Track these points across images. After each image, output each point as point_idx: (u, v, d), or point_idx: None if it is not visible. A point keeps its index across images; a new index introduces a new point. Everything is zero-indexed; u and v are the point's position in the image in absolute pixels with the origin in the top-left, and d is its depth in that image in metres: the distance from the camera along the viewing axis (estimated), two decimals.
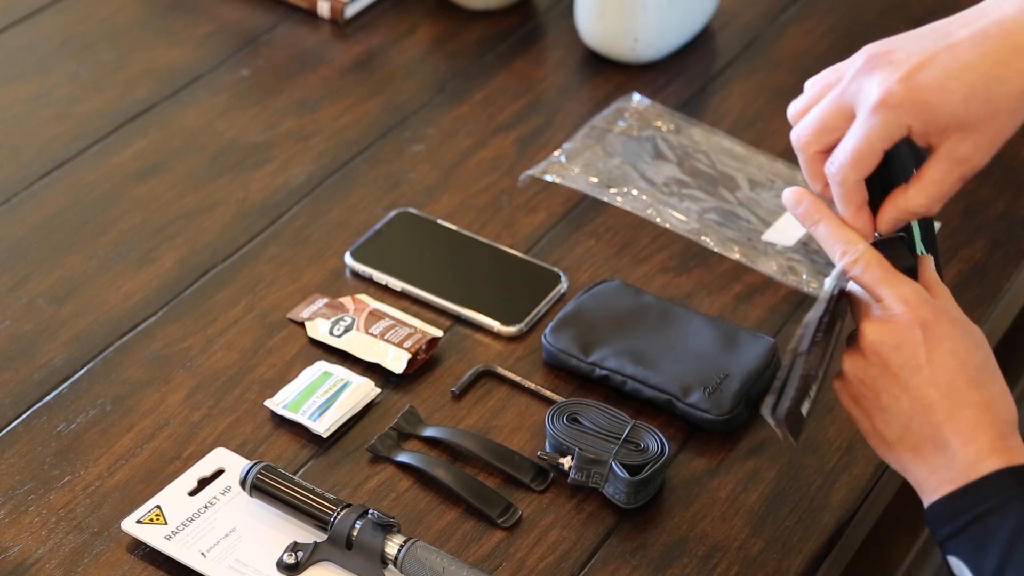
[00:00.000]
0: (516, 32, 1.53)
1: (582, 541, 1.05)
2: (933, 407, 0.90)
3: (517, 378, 1.16)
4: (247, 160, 1.37)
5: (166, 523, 1.04)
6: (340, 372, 1.15)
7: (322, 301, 1.21)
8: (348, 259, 1.25)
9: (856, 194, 0.95)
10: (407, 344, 1.16)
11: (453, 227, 1.28)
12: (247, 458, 1.09)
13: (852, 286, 0.96)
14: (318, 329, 1.19)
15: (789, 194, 0.98)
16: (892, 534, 1.41)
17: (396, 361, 1.15)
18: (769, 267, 1.25)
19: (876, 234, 0.97)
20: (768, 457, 1.11)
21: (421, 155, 1.38)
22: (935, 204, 0.94)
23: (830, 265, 1.22)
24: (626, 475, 1.05)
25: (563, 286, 1.23)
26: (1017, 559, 0.85)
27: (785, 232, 1.28)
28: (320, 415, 1.11)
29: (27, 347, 1.18)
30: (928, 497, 0.91)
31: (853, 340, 0.96)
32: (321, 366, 1.16)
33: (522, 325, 1.20)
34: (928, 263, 0.97)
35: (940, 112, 0.91)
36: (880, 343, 0.92)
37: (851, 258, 0.95)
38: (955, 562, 0.88)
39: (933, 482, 0.90)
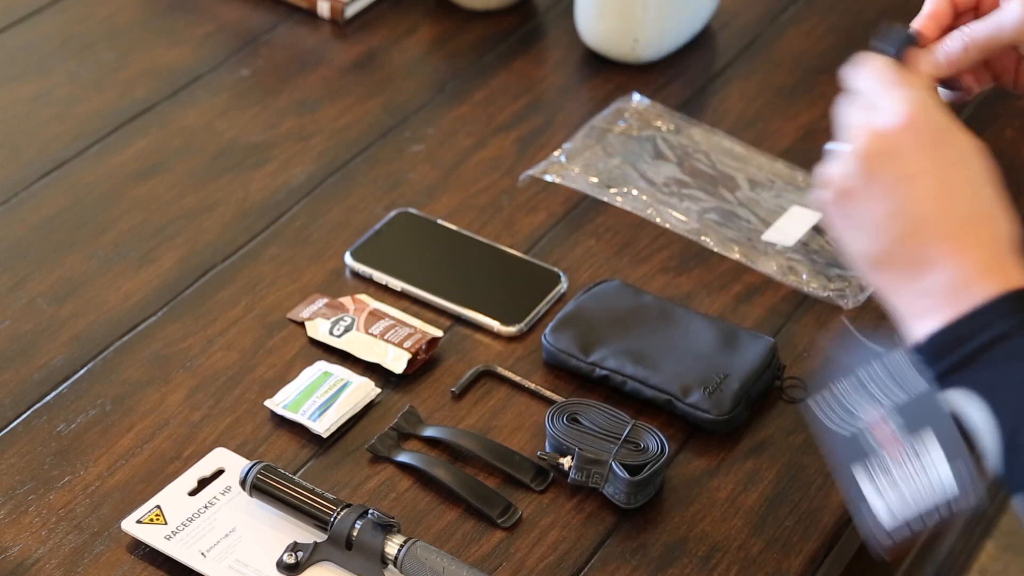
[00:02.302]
0: (516, 32, 1.53)
1: (582, 541, 1.05)
2: (924, 221, 0.82)
3: (517, 378, 1.16)
4: (247, 160, 1.37)
5: (166, 523, 1.04)
6: (340, 372, 1.15)
7: (322, 301, 1.21)
8: (348, 259, 1.25)
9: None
10: (407, 344, 1.16)
11: (453, 227, 1.28)
12: (247, 458, 1.09)
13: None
14: (318, 329, 1.19)
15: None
16: None
17: (396, 361, 1.15)
18: (769, 267, 1.25)
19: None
20: (768, 457, 1.11)
21: (421, 155, 1.38)
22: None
23: (830, 265, 1.23)
24: (626, 475, 1.05)
25: (563, 286, 1.23)
26: None
27: (785, 232, 1.28)
28: (320, 415, 1.11)
29: (27, 347, 1.18)
30: (916, 325, 0.83)
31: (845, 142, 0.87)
32: (321, 366, 1.15)
33: (522, 325, 1.20)
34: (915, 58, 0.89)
35: None
36: (873, 150, 0.83)
37: (857, 66, 0.86)
38: (959, 394, 0.81)
39: (920, 308, 0.83)
